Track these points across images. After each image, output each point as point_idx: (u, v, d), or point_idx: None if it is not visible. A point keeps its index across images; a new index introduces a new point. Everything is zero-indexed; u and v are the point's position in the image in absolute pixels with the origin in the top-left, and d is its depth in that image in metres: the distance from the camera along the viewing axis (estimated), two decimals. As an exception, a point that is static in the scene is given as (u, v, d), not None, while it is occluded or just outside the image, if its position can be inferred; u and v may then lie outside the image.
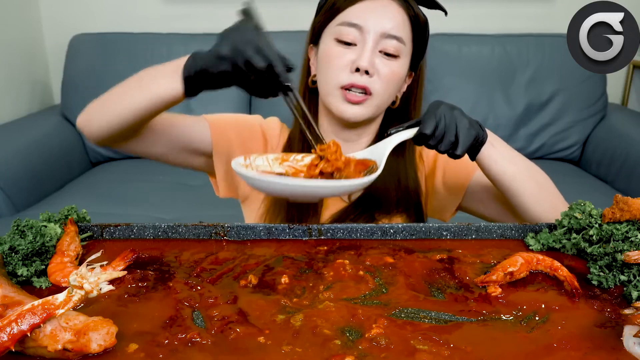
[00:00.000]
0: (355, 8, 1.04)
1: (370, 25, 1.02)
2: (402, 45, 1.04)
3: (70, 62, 2.72)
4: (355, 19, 1.03)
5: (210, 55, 0.86)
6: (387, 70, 1.03)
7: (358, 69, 1.01)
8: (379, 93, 1.04)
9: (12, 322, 0.58)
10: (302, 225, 0.89)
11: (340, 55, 1.04)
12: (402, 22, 1.04)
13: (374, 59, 1.02)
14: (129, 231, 0.89)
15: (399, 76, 1.06)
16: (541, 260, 0.78)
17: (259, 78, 0.82)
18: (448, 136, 0.88)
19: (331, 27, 1.06)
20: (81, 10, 2.90)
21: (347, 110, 1.04)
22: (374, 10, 1.03)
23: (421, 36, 1.09)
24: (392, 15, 1.03)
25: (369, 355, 0.60)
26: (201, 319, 0.67)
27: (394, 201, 1.10)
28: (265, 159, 0.92)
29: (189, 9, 2.88)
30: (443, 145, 0.89)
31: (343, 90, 1.03)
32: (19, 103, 2.76)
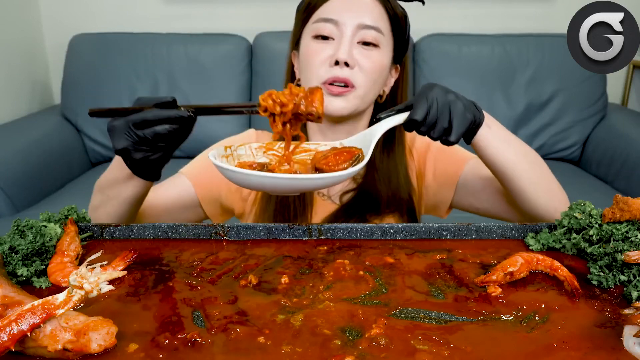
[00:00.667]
0: (330, 4, 1.04)
1: (347, 18, 1.02)
2: (380, 35, 1.04)
3: (70, 62, 2.72)
4: (331, 14, 1.03)
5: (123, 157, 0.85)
6: (367, 60, 1.03)
7: (337, 62, 1.01)
8: (362, 84, 1.03)
9: (12, 322, 0.58)
10: (302, 225, 0.89)
11: (318, 51, 1.04)
12: (379, 14, 1.05)
13: (353, 50, 1.02)
14: (129, 231, 0.89)
15: (381, 66, 1.05)
16: (541, 260, 0.78)
17: (166, 133, 0.80)
18: (441, 122, 0.83)
19: (308, 26, 1.07)
20: (81, 10, 2.90)
21: (330, 104, 1.01)
22: (349, 4, 1.04)
23: (400, 30, 1.08)
24: (368, 8, 1.04)
25: (369, 355, 0.60)
26: (201, 319, 0.67)
27: (385, 201, 1.09)
28: (249, 147, 0.88)
29: (189, 9, 2.88)
30: (435, 131, 0.84)
31: (326, 85, 1.03)
32: (19, 103, 2.76)
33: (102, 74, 2.69)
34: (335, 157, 0.82)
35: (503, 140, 0.93)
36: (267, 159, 0.87)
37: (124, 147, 0.81)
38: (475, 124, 0.89)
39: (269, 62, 2.67)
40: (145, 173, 0.88)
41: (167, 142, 0.82)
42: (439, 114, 0.83)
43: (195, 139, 2.98)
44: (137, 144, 0.81)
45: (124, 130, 0.80)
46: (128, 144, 0.81)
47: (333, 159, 0.82)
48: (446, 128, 0.84)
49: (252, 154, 0.87)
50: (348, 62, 1.01)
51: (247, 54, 2.74)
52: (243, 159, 0.87)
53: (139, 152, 0.82)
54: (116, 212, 0.95)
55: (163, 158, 0.85)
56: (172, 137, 0.82)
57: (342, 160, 0.82)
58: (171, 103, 0.82)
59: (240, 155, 0.87)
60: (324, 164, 0.82)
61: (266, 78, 2.69)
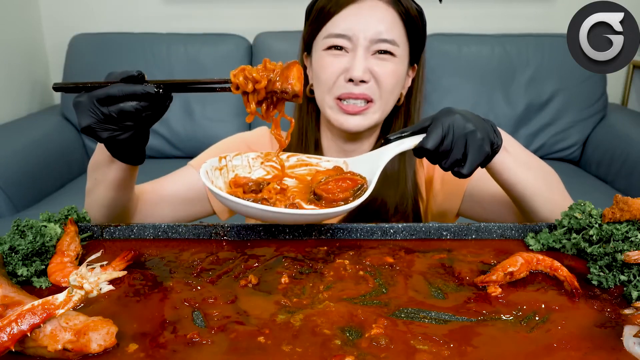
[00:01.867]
0: (341, 16, 1.00)
1: (359, 32, 0.99)
2: (395, 47, 1.01)
3: (70, 62, 2.72)
4: (343, 29, 0.99)
5: None
6: (383, 71, 1.01)
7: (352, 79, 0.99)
8: (379, 97, 1.02)
9: (12, 322, 0.58)
10: (302, 225, 0.88)
11: (331, 65, 1.01)
12: (393, 23, 1.01)
13: (367, 64, 1.00)
14: (129, 231, 0.89)
15: (398, 74, 1.03)
16: (541, 260, 0.78)
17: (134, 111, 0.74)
18: (454, 153, 0.77)
19: (320, 38, 1.04)
20: (81, 10, 2.90)
21: (347, 122, 1.01)
22: (361, 15, 0.99)
23: (416, 30, 1.05)
24: (381, 17, 1.00)
25: (369, 355, 0.60)
26: (201, 319, 0.67)
27: (392, 206, 1.08)
28: (245, 158, 0.82)
29: (189, 9, 2.88)
30: (447, 162, 0.78)
31: (338, 101, 1.01)
32: (19, 103, 2.76)
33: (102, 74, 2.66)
34: (337, 183, 0.77)
35: (521, 164, 0.89)
36: (264, 171, 0.82)
37: (87, 124, 0.74)
38: (492, 152, 0.82)
39: (269, 62, 2.67)
40: (123, 155, 0.82)
41: (135, 121, 0.75)
42: (454, 145, 0.76)
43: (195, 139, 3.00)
44: (102, 122, 0.74)
45: (88, 106, 0.74)
46: (92, 122, 0.74)
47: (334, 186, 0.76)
48: (459, 159, 0.78)
49: (249, 164, 0.83)
50: (364, 79, 0.99)
51: (247, 54, 2.74)
52: (238, 170, 0.82)
53: (105, 132, 0.75)
54: (105, 196, 0.92)
55: (135, 138, 0.78)
56: (141, 116, 0.75)
57: (344, 188, 0.77)
58: (137, 78, 0.74)
59: (235, 166, 0.81)
60: (323, 190, 0.77)
61: (266, 78, 2.69)
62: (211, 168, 0.77)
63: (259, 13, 2.86)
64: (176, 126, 2.68)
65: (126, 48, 2.71)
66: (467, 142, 0.77)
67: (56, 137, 2.58)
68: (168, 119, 2.67)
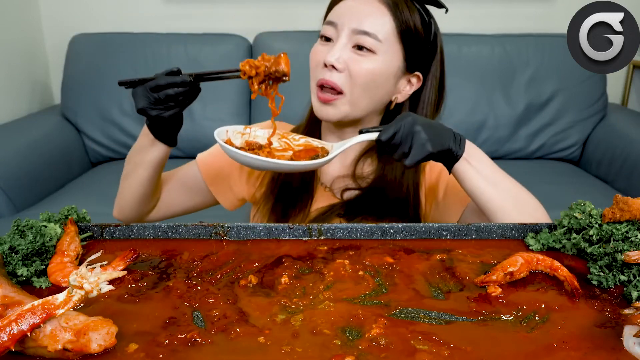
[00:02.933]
0: (338, 7, 1.06)
1: (345, 21, 1.03)
2: (377, 42, 1.03)
3: (70, 62, 2.72)
4: (334, 17, 1.05)
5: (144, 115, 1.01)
6: (357, 66, 1.02)
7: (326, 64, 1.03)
8: (350, 90, 1.04)
9: (12, 322, 0.58)
10: (302, 225, 0.89)
11: (318, 52, 1.06)
12: (382, 21, 1.03)
13: (344, 54, 1.03)
14: (129, 231, 0.89)
15: (373, 73, 1.04)
16: (541, 260, 0.78)
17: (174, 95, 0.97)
18: (402, 147, 0.91)
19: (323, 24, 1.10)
20: (81, 10, 2.90)
21: (320, 110, 1.07)
22: (352, 7, 1.04)
23: (414, 39, 1.06)
24: (369, 12, 1.03)
25: (369, 355, 0.60)
26: (201, 319, 0.67)
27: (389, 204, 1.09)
28: (267, 132, 1.03)
29: (189, 9, 2.88)
30: (396, 154, 0.92)
31: (318, 89, 1.05)
32: (19, 103, 2.76)
33: (102, 74, 2.69)
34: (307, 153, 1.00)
35: (484, 178, 0.97)
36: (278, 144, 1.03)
37: (142, 106, 0.97)
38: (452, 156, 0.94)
39: (269, 62, 2.67)
40: (164, 136, 1.04)
41: (175, 102, 0.98)
42: (403, 140, 0.90)
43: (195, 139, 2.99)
44: (153, 104, 0.97)
45: (142, 93, 0.97)
46: (145, 104, 0.97)
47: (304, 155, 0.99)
48: (405, 152, 0.91)
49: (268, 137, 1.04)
50: (335, 66, 1.02)
51: (247, 54, 2.74)
52: (258, 139, 1.03)
53: (154, 110, 0.97)
54: (142, 175, 1.09)
55: (175, 119, 1.01)
56: (179, 98, 0.97)
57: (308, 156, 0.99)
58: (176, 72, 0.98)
59: (257, 136, 1.03)
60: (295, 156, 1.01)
61: (266, 78, 2.69)
62: (234, 131, 1.01)
63: (259, 13, 2.86)
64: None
65: (126, 48, 2.71)
66: (412, 139, 0.90)
67: (56, 137, 2.58)
68: (168, 119, 2.67)
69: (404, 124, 0.91)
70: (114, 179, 2.42)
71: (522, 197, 0.99)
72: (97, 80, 2.69)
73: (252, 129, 1.03)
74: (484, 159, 0.98)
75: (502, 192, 0.97)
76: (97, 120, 2.69)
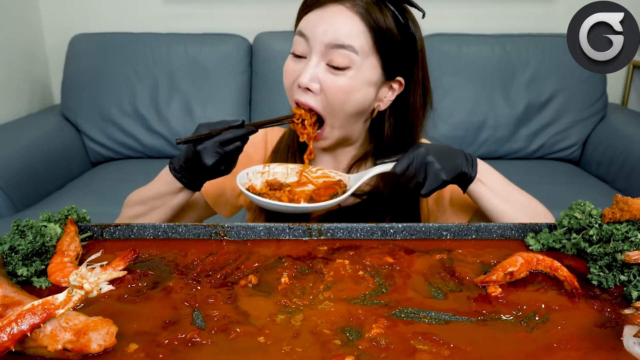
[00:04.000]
0: (307, 17, 1.00)
1: (317, 35, 0.97)
2: (353, 55, 0.97)
3: (70, 62, 2.72)
4: (304, 29, 0.99)
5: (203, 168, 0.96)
6: (332, 85, 0.98)
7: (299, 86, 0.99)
8: (330, 113, 1.00)
9: (12, 322, 0.58)
10: (302, 225, 0.89)
11: (290, 71, 1.02)
12: (355, 30, 0.97)
13: (318, 74, 0.98)
14: (129, 231, 0.89)
15: (352, 89, 0.99)
16: (541, 260, 0.78)
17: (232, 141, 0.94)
18: (416, 177, 0.94)
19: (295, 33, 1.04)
20: (81, 10, 2.90)
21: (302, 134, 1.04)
22: (322, 18, 0.98)
23: (390, 44, 1.00)
24: (341, 22, 0.97)
25: (369, 355, 0.60)
26: (201, 319, 0.67)
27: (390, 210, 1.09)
28: (286, 167, 1.07)
29: (189, 9, 2.88)
30: (411, 184, 0.95)
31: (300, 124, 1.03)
32: (19, 103, 2.76)
33: (102, 74, 2.69)
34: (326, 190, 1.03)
35: (497, 195, 1.01)
36: (297, 178, 1.06)
37: (212, 162, 0.93)
38: (466, 179, 0.98)
39: (268, 62, 2.67)
40: (198, 184, 1.02)
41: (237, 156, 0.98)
42: (416, 171, 0.94)
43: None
44: (222, 158, 0.94)
45: (212, 149, 0.93)
46: (215, 159, 0.93)
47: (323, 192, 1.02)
48: (420, 182, 0.95)
49: (287, 172, 1.07)
50: (310, 88, 0.98)
51: (247, 54, 2.74)
52: (277, 175, 1.06)
53: (222, 164, 0.95)
54: (159, 217, 1.05)
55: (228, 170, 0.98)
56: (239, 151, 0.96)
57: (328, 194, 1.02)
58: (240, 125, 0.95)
59: (276, 172, 1.06)
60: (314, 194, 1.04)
61: (266, 78, 2.69)
62: (254, 172, 1.04)
63: (259, 13, 2.86)
64: (176, 126, 2.68)
65: (126, 48, 2.71)
66: (426, 169, 0.94)
67: (56, 137, 2.58)
68: (168, 119, 2.67)
69: (416, 155, 0.94)
70: (114, 179, 2.45)
71: (532, 207, 1.03)
72: (97, 80, 2.69)
73: (270, 166, 1.05)
74: (494, 175, 1.02)
75: (515, 206, 1.01)
76: (97, 120, 2.69)
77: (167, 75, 2.68)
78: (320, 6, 0.99)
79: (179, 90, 2.68)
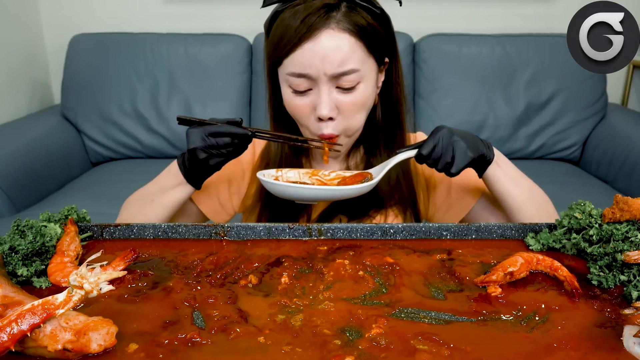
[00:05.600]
0: (297, 54, 0.96)
1: (318, 69, 0.95)
2: (357, 73, 0.98)
3: (70, 62, 2.72)
4: (301, 68, 0.96)
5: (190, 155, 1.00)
6: (351, 104, 0.99)
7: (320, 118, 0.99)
8: (346, 129, 1.03)
9: (12, 322, 0.58)
10: (302, 225, 0.89)
11: (300, 106, 1.01)
12: (350, 49, 0.96)
13: (332, 101, 0.98)
14: (129, 231, 0.89)
15: (365, 99, 1.01)
16: (541, 260, 0.78)
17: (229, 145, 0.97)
18: (444, 157, 0.95)
19: (282, 72, 1.01)
20: (81, 10, 2.90)
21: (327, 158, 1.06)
22: (317, 51, 0.95)
23: (376, 39, 1.01)
24: (338, 49, 0.95)
25: (369, 355, 0.60)
26: (201, 319, 0.67)
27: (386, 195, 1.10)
28: (297, 172, 1.07)
29: (188, 9, 2.88)
30: (440, 164, 0.96)
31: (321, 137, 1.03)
32: (19, 103, 2.76)
33: (102, 74, 2.69)
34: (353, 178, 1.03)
35: (512, 180, 1.03)
36: (311, 182, 1.06)
37: (195, 147, 0.97)
38: (485, 161, 1.00)
39: (269, 62, 2.67)
40: (196, 179, 1.04)
41: (226, 152, 0.98)
42: (444, 151, 0.95)
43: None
44: (205, 148, 0.97)
45: (199, 135, 0.97)
46: (199, 145, 0.96)
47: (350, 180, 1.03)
48: (449, 162, 0.96)
49: (299, 177, 1.07)
50: (331, 117, 0.99)
51: (247, 54, 2.74)
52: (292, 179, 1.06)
53: (204, 154, 0.97)
54: (157, 215, 1.06)
55: (216, 166, 1.00)
56: (231, 149, 0.98)
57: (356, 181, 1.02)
58: (238, 122, 0.98)
59: (289, 177, 1.06)
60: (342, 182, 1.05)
61: (266, 78, 2.69)
62: (268, 174, 1.04)
63: (259, 13, 2.84)
64: (176, 126, 2.65)
65: (126, 48, 2.71)
66: (454, 148, 0.96)
67: (56, 137, 2.58)
68: (168, 119, 2.67)
69: (441, 136, 0.96)
70: (114, 179, 2.46)
71: (537, 192, 1.06)
72: (97, 80, 2.69)
73: (283, 171, 1.05)
74: (507, 161, 1.05)
75: (524, 191, 1.04)
76: (97, 120, 2.69)
77: (167, 75, 2.68)
78: (308, 40, 0.95)
79: (179, 90, 2.68)
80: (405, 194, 1.13)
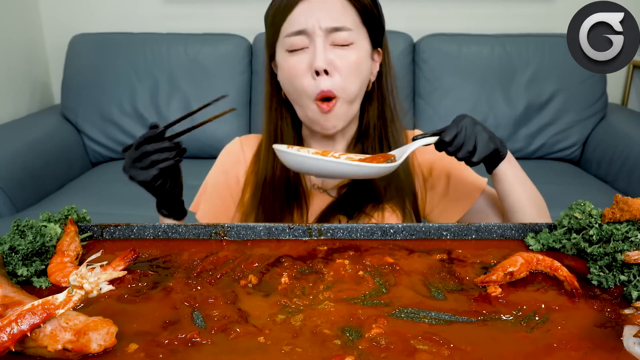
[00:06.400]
0: (294, 14, 1.02)
1: (313, 25, 1.01)
2: (351, 33, 1.02)
3: (70, 62, 2.72)
4: (297, 26, 1.01)
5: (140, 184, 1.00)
6: (344, 61, 1.01)
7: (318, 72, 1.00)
8: (345, 88, 1.02)
9: (12, 322, 0.58)
10: (302, 225, 0.89)
11: (296, 64, 1.02)
12: (344, 11, 1.02)
13: (328, 55, 1.01)
14: (129, 231, 0.89)
15: (359, 62, 1.04)
16: (541, 260, 0.78)
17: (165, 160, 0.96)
18: (466, 145, 0.95)
19: (281, 38, 1.05)
20: (81, 10, 2.90)
21: (326, 122, 1.04)
22: (312, 9, 1.01)
23: (371, 16, 1.06)
24: (330, 8, 1.02)
25: (369, 355, 0.60)
26: (201, 319, 0.67)
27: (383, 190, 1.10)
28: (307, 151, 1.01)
29: (189, 9, 2.88)
30: (461, 152, 0.96)
31: (319, 103, 1.02)
32: (19, 103, 2.76)
33: (102, 74, 2.69)
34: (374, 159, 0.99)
35: (519, 180, 1.04)
36: None
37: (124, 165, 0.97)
38: (499, 155, 1.00)
39: (269, 62, 2.67)
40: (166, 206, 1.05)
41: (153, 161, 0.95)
42: (466, 139, 0.95)
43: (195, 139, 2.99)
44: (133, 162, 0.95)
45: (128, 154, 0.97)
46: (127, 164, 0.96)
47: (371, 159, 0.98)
48: (471, 151, 0.96)
49: None
50: (327, 70, 1.00)
51: (247, 54, 2.74)
52: None
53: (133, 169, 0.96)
54: None
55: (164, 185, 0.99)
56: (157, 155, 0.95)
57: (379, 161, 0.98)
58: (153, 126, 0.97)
59: None
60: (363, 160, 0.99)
61: (266, 78, 2.69)
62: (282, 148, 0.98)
63: (259, 13, 2.83)
64: (176, 126, 2.68)
65: (126, 48, 2.71)
66: (476, 137, 0.95)
67: (56, 137, 2.58)
68: (168, 119, 2.65)
69: (464, 125, 0.96)
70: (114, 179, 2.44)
71: (539, 197, 1.07)
72: (97, 80, 2.69)
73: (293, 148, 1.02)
74: (514, 159, 1.05)
75: (527, 191, 1.04)
76: (97, 120, 2.69)
77: (167, 75, 2.68)
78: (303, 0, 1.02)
79: (179, 90, 2.68)
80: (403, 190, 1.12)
